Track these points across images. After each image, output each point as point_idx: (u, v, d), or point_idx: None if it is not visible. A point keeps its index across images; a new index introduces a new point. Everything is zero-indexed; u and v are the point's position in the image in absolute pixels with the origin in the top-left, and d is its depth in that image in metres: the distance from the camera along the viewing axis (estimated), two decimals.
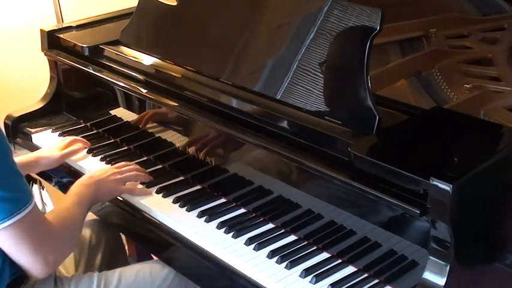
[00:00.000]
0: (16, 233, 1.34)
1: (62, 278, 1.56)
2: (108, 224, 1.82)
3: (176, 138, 1.77)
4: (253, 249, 1.47)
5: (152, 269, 1.61)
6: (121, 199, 1.69)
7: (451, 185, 1.15)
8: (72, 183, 1.84)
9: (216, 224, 1.55)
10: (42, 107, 2.13)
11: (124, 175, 1.68)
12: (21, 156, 1.83)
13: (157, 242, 1.63)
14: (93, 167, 1.81)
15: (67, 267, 1.69)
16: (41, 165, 1.83)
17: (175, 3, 1.86)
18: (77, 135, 1.98)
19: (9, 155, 1.36)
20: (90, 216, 1.92)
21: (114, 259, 1.82)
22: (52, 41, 2.10)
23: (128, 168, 1.71)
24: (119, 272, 1.60)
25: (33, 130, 2.06)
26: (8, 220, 1.32)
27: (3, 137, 1.36)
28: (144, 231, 1.67)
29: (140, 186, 1.71)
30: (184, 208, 1.62)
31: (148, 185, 1.71)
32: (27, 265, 1.39)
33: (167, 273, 1.59)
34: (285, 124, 1.49)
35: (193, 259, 1.51)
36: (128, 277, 1.58)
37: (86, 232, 1.79)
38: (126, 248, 2.02)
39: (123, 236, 1.99)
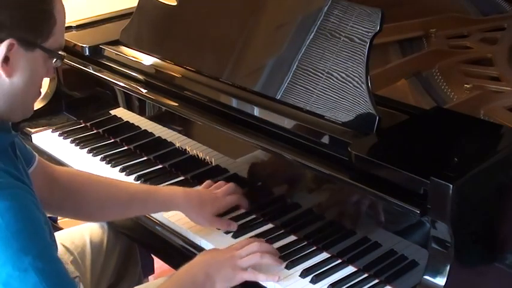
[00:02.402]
0: None
1: None
2: (121, 233, 1.76)
3: (176, 138, 1.77)
4: None
5: None
6: None
7: (451, 185, 1.15)
8: None
9: None
10: (42, 107, 2.12)
11: (247, 259, 1.37)
12: (167, 189, 1.60)
13: (157, 242, 1.62)
14: (93, 166, 1.81)
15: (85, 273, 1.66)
16: (190, 212, 1.54)
17: (175, 3, 1.86)
18: (76, 135, 1.99)
19: (48, 234, 1.16)
20: None
21: (126, 266, 1.81)
22: None
23: (252, 247, 1.39)
24: None
25: (33, 130, 2.06)
26: None
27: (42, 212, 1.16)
28: (144, 231, 1.66)
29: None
30: None
31: None
32: None
33: None
34: (285, 124, 1.49)
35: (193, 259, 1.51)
36: None
37: (103, 240, 1.74)
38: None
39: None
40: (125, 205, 1.55)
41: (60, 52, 1.23)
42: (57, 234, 1.70)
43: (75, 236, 1.71)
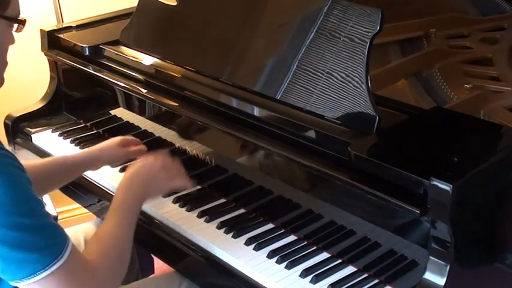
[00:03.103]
0: (53, 285, 1.19)
1: None
2: None
3: (176, 138, 1.77)
4: (253, 249, 1.47)
5: (169, 285, 1.59)
6: None
7: (451, 185, 1.15)
8: (71, 183, 1.84)
9: (216, 224, 1.55)
10: (42, 107, 2.13)
11: (176, 169, 1.53)
12: (78, 153, 1.74)
13: (157, 241, 1.62)
14: None
15: None
16: (102, 162, 1.71)
17: (175, 3, 1.86)
18: (77, 135, 1.99)
19: (35, 194, 1.22)
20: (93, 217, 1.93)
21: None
22: (52, 41, 2.10)
23: (174, 164, 1.54)
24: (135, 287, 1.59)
25: (33, 130, 2.06)
26: (43, 271, 1.17)
27: (25, 177, 1.21)
28: (144, 231, 1.66)
29: None
30: (184, 208, 1.62)
31: None
32: None
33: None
34: (285, 124, 1.49)
35: (193, 258, 1.51)
36: None
37: None
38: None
39: None
40: (53, 177, 1.64)
41: (20, 17, 1.30)
42: None
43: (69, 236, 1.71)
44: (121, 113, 1.95)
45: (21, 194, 1.18)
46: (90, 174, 1.79)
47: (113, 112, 1.98)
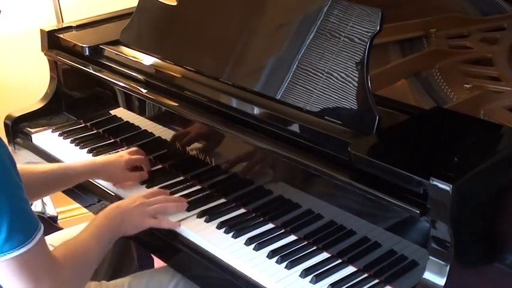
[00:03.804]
0: (15, 268, 1.22)
1: None
2: None
3: (176, 138, 1.77)
4: (253, 249, 1.47)
5: (161, 278, 1.60)
6: None
7: (451, 185, 1.15)
8: None
9: (216, 224, 1.55)
10: (42, 107, 2.13)
11: (153, 207, 1.55)
12: (80, 163, 1.74)
13: (157, 241, 1.63)
14: None
15: None
16: (101, 177, 1.75)
17: (175, 3, 1.86)
18: (77, 135, 1.99)
19: (16, 176, 1.24)
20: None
21: (121, 264, 1.81)
22: (52, 41, 2.10)
23: (158, 199, 1.59)
24: (128, 282, 1.60)
25: (33, 130, 2.06)
26: (12, 252, 1.21)
27: (6, 153, 1.24)
28: (143, 231, 1.66)
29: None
30: (184, 208, 1.62)
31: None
32: None
33: (176, 283, 1.58)
34: (285, 124, 1.49)
35: (193, 259, 1.51)
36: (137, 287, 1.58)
37: None
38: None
39: None
40: (46, 185, 1.68)
41: None
42: (51, 236, 1.71)
43: (68, 237, 1.71)
44: (121, 113, 1.95)
45: (2, 174, 1.20)
46: None
47: (113, 112, 1.98)
